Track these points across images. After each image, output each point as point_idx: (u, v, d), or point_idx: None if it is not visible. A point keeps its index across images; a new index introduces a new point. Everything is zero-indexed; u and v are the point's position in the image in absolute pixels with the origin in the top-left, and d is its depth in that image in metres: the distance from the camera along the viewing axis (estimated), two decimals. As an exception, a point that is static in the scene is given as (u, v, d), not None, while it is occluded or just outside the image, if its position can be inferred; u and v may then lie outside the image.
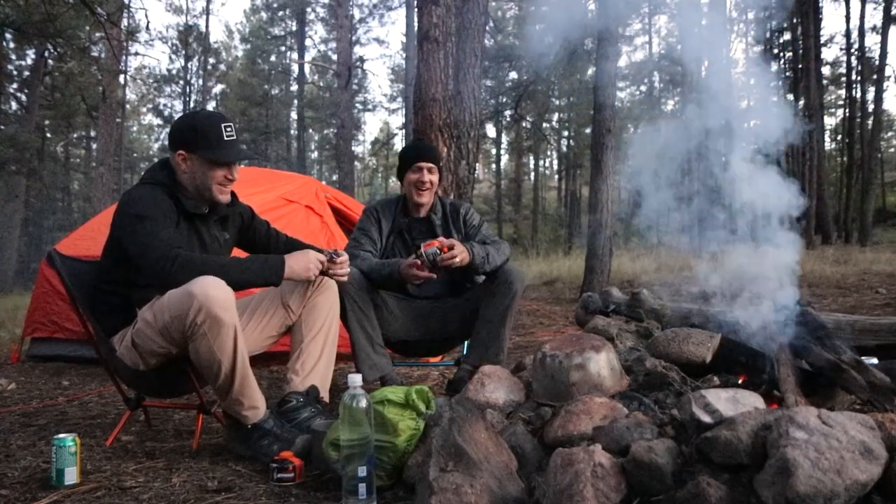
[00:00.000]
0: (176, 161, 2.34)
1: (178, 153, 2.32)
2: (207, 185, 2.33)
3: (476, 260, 2.84)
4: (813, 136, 18.56)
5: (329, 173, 37.23)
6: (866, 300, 6.61)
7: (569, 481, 1.47)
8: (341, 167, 21.47)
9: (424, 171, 3.06)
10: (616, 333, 2.66)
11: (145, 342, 2.22)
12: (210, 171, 2.32)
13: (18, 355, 4.76)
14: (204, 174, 2.32)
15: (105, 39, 14.13)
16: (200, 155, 2.30)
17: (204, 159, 2.31)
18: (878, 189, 26.13)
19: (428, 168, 3.07)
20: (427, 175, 3.06)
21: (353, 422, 1.66)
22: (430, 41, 5.04)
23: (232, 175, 2.36)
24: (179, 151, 2.32)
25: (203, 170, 2.32)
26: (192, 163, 2.32)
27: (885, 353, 2.57)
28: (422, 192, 3.08)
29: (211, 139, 2.30)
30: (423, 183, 3.06)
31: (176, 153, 2.33)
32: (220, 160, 2.31)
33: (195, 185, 2.34)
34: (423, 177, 3.05)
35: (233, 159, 2.34)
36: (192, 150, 2.31)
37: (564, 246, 21.43)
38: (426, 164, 3.07)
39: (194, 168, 2.32)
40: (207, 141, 2.29)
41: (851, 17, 22.65)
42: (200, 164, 2.31)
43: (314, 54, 33.72)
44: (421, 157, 3.08)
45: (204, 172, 2.32)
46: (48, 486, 1.95)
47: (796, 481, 1.29)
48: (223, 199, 2.38)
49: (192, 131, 2.31)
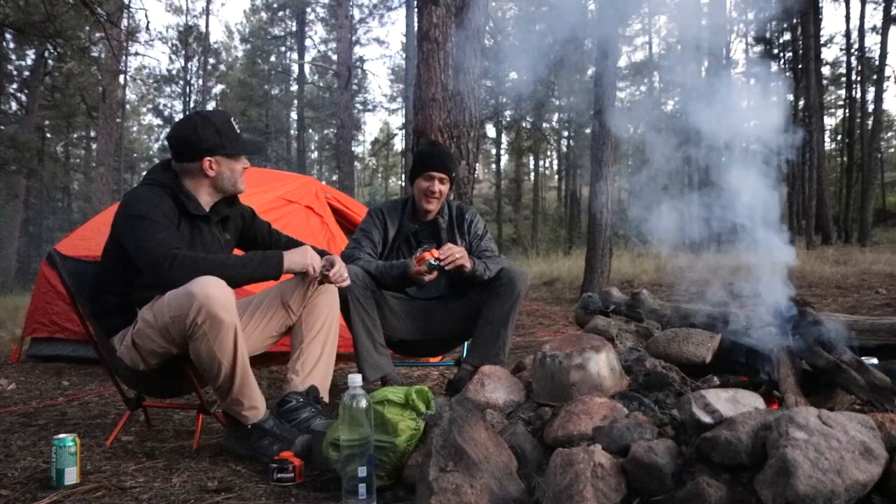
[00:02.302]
0: (202, 168, 2.33)
1: (205, 160, 2.32)
2: (233, 180, 2.40)
3: (477, 269, 2.90)
4: (813, 136, 18.57)
5: (329, 173, 37.23)
6: (866, 300, 6.60)
7: (569, 481, 1.47)
8: (341, 167, 21.48)
9: (436, 181, 3.03)
10: (616, 333, 2.66)
11: (145, 342, 2.22)
12: (235, 165, 2.39)
13: (18, 355, 4.76)
14: (232, 171, 2.38)
15: (105, 39, 14.13)
16: (227, 154, 2.36)
17: (228, 156, 2.36)
18: (878, 189, 26.14)
19: (440, 178, 3.04)
20: (438, 185, 3.03)
21: (353, 422, 1.66)
22: (429, 41, 5.03)
23: (246, 163, 2.45)
24: (206, 158, 2.32)
25: (229, 166, 2.38)
26: (219, 165, 2.35)
27: (885, 353, 2.56)
28: (430, 201, 3.06)
29: (230, 136, 2.36)
30: (432, 192, 3.04)
31: (202, 161, 2.32)
32: (243, 152, 2.40)
33: (221, 185, 2.39)
34: (433, 186, 3.03)
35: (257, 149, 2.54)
36: (218, 151, 2.34)
37: (564, 246, 21.44)
38: (438, 174, 3.03)
39: (222, 169, 2.36)
40: (228, 138, 2.35)
41: (851, 17, 22.68)
42: (226, 163, 2.36)
43: (314, 54, 33.76)
44: (435, 167, 3.04)
45: (230, 168, 2.38)
46: (48, 486, 1.95)
47: (796, 481, 1.29)
48: (244, 187, 2.46)
49: (217, 134, 2.33)
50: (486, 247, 3.12)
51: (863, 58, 22.07)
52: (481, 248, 3.11)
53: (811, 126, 18.41)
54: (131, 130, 36.41)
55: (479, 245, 3.12)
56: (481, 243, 3.13)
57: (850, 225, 20.78)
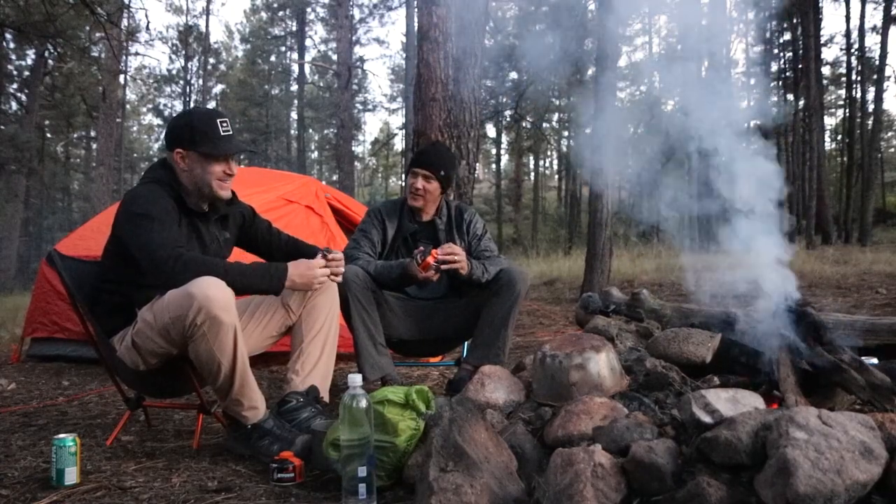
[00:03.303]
0: (174, 159, 2.34)
1: (176, 151, 2.33)
2: (207, 181, 2.33)
3: (475, 272, 2.89)
4: (813, 136, 18.57)
5: (329, 173, 37.22)
6: (866, 300, 6.60)
7: (569, 481, 1.47)
8: (341, 167, 21.46)
9: (419, 178, 3.03)
10: (616, 333, 2.65)
11: (145, 342, 2.22)
12: (208, 167, 2.32)
13: (18, 355, 4.76)
14: (203, 170, 2.32)
15: (105, 39, 14.12)
16: (198, 151, 2.31)
17: (201, 154, 2.31)
18: (878, 189, 26.14)
19: (424, 175, 3.03)
20: (421, 182, 3.03)
21: (353, 422, 1.66)
22: (430, 41, 5.03)
23: (230, 170, 2.37)
24: (177, 150, 2.32)
25: (201, 165, 2.32)
26: (190, 160, 2.32)
27: (885, 353, 2.56)
28: (415, 198, 3.07)
29: (207, 134, 2.30)
30: (416, 189, 3.04)
31: (174, 152, 2.33)
32: (216, 154, 2.31)
33: (194, 183, 2.34)
34: (416, 183, 3.04)
35: (229, 152, 2.35)
36: (190, 146, 2.31)
37: (564, 246, 21.44)
38: (422, 172, 3.03)
39: (192, 165, 2.32)
40: (204, 136, 2.30)
41: (851, 17, 22.67)
42: (198, 161, 2.32)
43: (314, 54, 33.75)
44: (419, 164, 3.06)
45: (203, 168, 2.32)
46: (48, 486, 1.95)
47: (796, 481, 1.29)
48: (224, 195, 2.38)
49: (189, 128, 2.32)
50: (485, 247, 3.12)
51: (863, 58, 22.07)
52: (480, 248, 3.11)
53: (811, 126, 18.42)
54: (131, 130, 36.44)
55: (478, 245, 3.12)
56: (480, 243, 3.13)
57: (850, 225, 20.77)
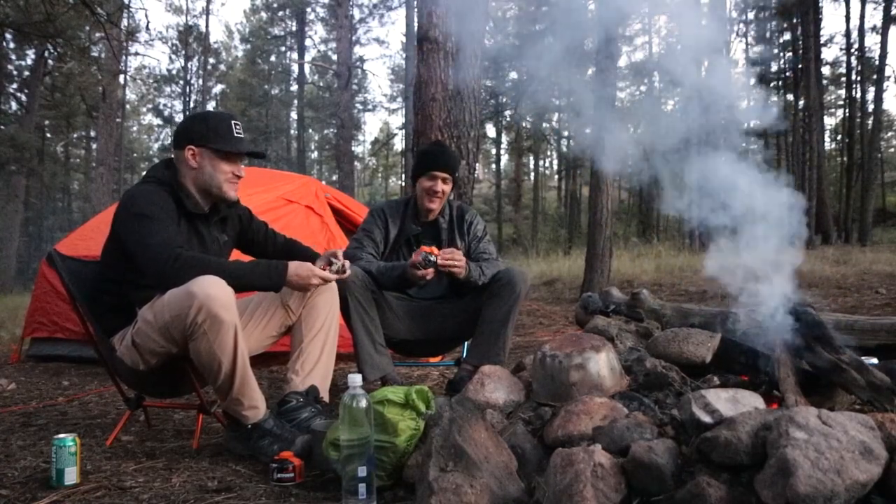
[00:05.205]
0: (184, 157, 2.34)
1: (188, 148, 2.33)
2: (216, 180, 2.35)
3: (472, 274, 2.90)
4: (813, 136, 18.57)
5: (329, 173, 37.21)
6: (866, 300, 6.60)
7: (569, 481, 1.47)
8: (341, 167, 21.45)
9: (439, 181, 3.03)
10: (616, 333, 2.65)
11: (145, 342, 2.22)
12: (219, 165, 2.34)
13: (18, 355, 4.76)
14: (213, 168, 2.34)
15: (105, 39, 14.13)
16: (210, 148, 2.32)
17: (214, 152, 2.33)
18: (878, 189, 26.14)
19: (443, 178, 3.03)
20: (441, 185, 3.03)
21: (353, 422, 1.66)
22: (429, 41, 5.03)
23: (240, 172, 2.40)
24: (189, 147, 2.33)
25: (213, 163, 2.33)
26: (202, 157, 2.33)
27: (885, 353, 2.56)
28: (433, 200, 3.06)
29: (221, 132, 2.33)
30: (435, 192, 3.04)
31: (185, 149, 2.34)
32: (231, 150, 2.34)
33: (203, 181, 2.35)
34: (436, 186, 3.03)
35: (244, 150, 2.38)
36: (203, 143, 2.32)
37: (564, 246, 21.44)
38: (442, 174, 3.03)
39: (203, 162, 2.33)
40: (218, 134, 2.32)
41: (851, 17, 22.71)
42: (210, 158, 2.33)
43: (314, 54, 33.74)
44: (438, 166, 3.03)
45: (213, 166, 2.34)
46: (48, 486, 1.95)
47: (796, 481, 1.29)
48: (231, 196, 2.40)
49: (203, 125, 2.34)
50: (484, 248, 3.13)
51: (863, 58, 22.09)
52: (479, 249, 3.11)
53: (811, 126, 18.42)
54: (131, 130, 36.44)
55: (477, 247, 3.12)
56: (479, 245, 3.13)
57: (850, 225, 20.77)
